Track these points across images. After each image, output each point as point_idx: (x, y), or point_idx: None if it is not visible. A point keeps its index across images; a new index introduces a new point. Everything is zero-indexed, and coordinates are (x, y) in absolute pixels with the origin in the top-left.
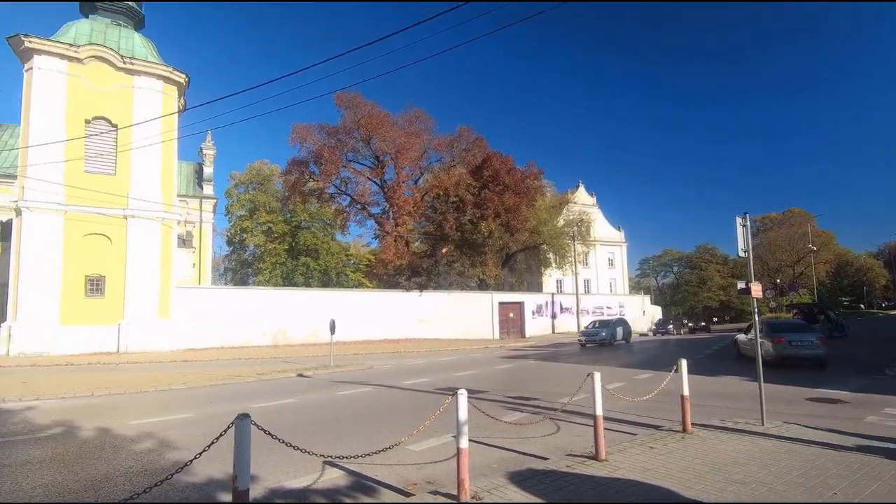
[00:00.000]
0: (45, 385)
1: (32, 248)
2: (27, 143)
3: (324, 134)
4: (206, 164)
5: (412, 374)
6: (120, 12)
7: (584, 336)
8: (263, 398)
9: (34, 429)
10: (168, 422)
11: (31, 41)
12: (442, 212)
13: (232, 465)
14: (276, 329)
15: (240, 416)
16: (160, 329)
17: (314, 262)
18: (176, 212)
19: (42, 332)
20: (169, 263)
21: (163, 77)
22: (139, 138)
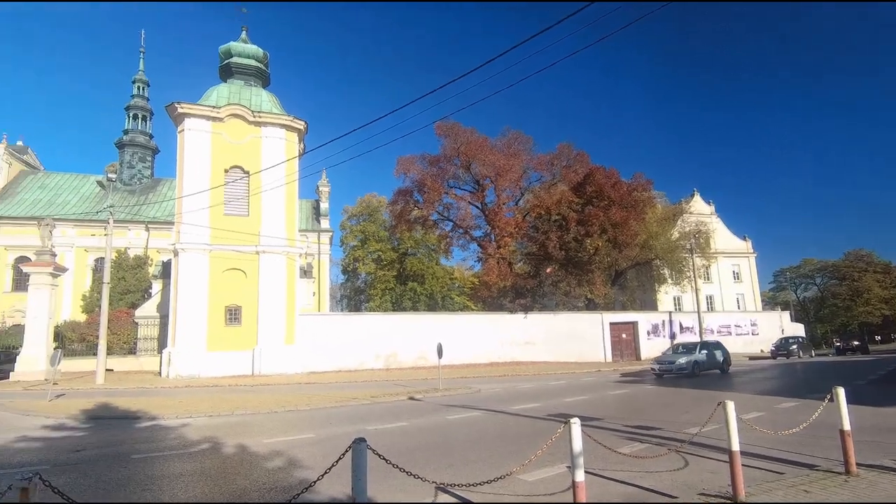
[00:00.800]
0: (196, 404)
1: (186, 284)
2: (181, 193)
3: (426, 163)
4: (322, 200)
5: (520, 399)
6: (251, 75)
7: (658, 364)
8: (377, 420)
9: (186, 444)
10: (294, 441)
11: (183, 107)
12: (544, 231)
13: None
14: (387, 352)
15: (356, 440)
16: (287, 354)
17: (421, 287)
18: (298, 246)
19: (193, 357)
20: (293, 293)
21: (285, 126)
22: (267, 182)
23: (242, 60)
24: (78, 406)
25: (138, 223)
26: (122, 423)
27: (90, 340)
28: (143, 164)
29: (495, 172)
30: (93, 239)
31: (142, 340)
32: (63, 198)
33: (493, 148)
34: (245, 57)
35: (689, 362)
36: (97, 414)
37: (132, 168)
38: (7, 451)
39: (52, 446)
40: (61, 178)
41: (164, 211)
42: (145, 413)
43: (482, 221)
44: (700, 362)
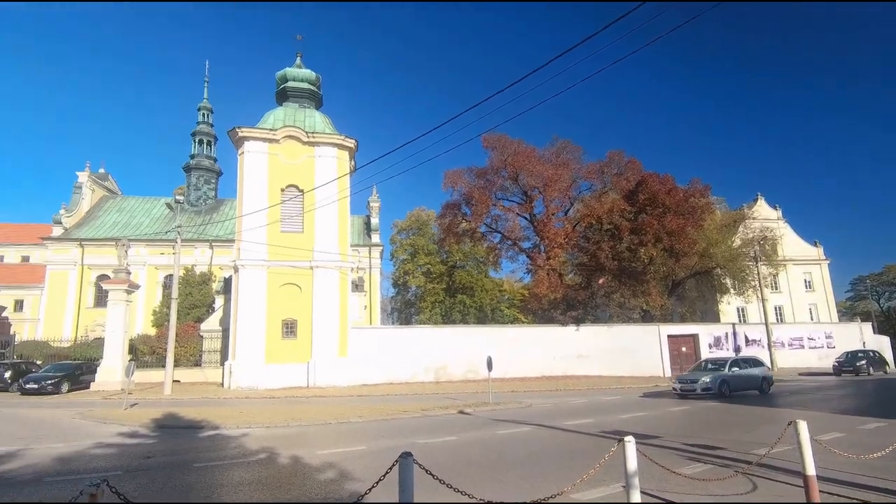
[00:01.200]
0: (255, 415)
1: (245, 299)
2: (241, 212)
3: (473, 176)
4: (372, 215)
5: (573, 415)
6: (305, 97)
7: (679, 383)
8: (427, 434)
9: (245, 454)
10: (346, 453)
11: (243, 131)
12: (596, 241)
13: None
14: (437, 365)
15: (403, 454)
16: (340, 366)
17: (470, 300)
18: (350, 260)
19: (252, 369)
20: (346, 307)
21: (337, 145)
22: (320, 199)
23: (297, 84)
24: (149, 415)
25: (203, 242)
26: (187, 432)
27: (160, 353)
28: (208, 186)
29: (543, 183)
30: (163, 257)
31: (206, 353)
32: (137, 220)
33: (540, 158)
34: (299, 81)
35: (715, 381)
36: (165, 423)
37: (198, 190)
38: (84, 456)
39: (125, 453)
40: (136, 201)
41: (227, 229)
42: (208, 423)
43: (531, 232)
44: (729, 381)
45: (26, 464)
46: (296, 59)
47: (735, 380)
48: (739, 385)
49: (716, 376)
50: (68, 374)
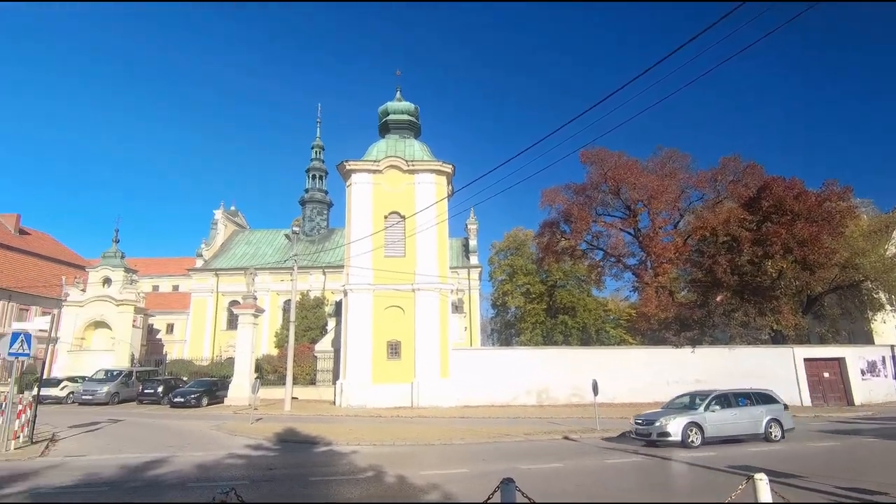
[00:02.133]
0: (363, 433)
1: (354, 321)
2: (349, 240)
3: (571, 193)
4: (470, 237)
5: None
6: (404, 128)
7: (636, 424)
8: (531, 460)
9: (355, 471)
10: (449, 475)
11: (350, 164)
12: (711, 255)
13: None
14: (539, 388)
15: (505, 480)
16: (442, 387)
17: (572, 320)
18: (449, 282)
19: (361, 388)
20: (446, 328)
21: (435, 171)
22: (420, 224)
23: (397, 117)
24: (271, 429)
25: (317, 268)
26: (304, 446)
27: (281, 372)
28: (321, 217)
29: (648, 195)
30: (283, 284)
31: (320, 372)
32: (262, 250)
33: (643, 170)
34: (399, 113)
35: (684, 426)
36: (285, 437)
37: (312, 221)
38: (219, 465)
39: (251, 463)
40: (261, 233)
41: (337, 256)
42: (322, 439)
43: (636, 248)
44: (704, 425)
45: (174, 469)
46: (395, 94)
47: (716, 424)
48: (724, 430)
49: (687, 420)
50: (207, 389)
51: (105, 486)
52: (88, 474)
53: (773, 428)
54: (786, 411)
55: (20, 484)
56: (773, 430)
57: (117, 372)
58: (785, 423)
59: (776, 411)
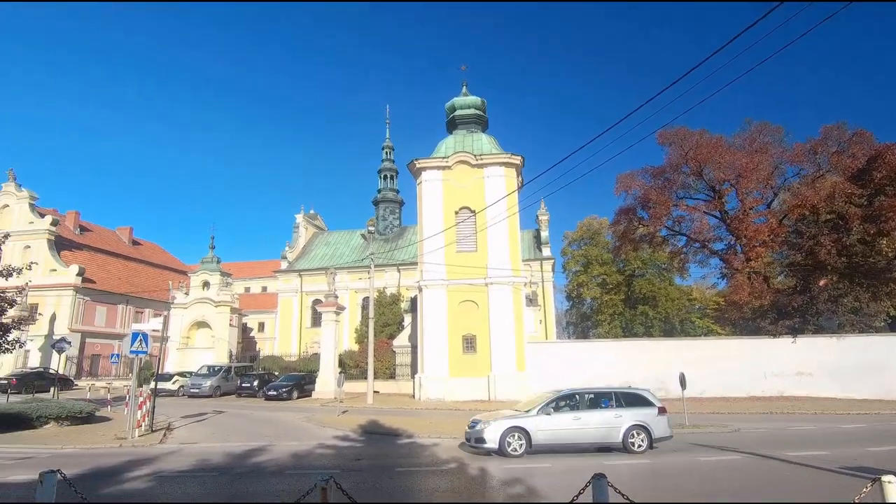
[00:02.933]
0: (443, 426)
1: (429, 316)
2: (422, 237)
3: (648, 177)
4: (542, 228)
5: (798, 444)
6: (472, 122)
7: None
8: (616, 455)
9: (437, 462)
10: (531, 469)
11: (420, 162)
12: (812, 235)
13: None
14: (621, 381)
15: (596, 475)
16: (518, 380)
17: (653, 311)
18: (522, 275)
19: (439, 382)
20: (521, 321)
21: (504, 164)
22: (490, 218)
23: (464, 112)
24: (356, 422)
25: (392, 266)
26: (387, 438)
27: (362, 366)
28: (393, 216)
29: (736, 174)
30: (360, 282)
31: (398, 366)
32: (340, 250)
33: (730, 147)
34: (466, 108)
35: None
36: (369, 429)
37: (385, 220)
38: (311, 454)
39: (339, 454)
40: (338, 235)
41: (410, 254)
42: (404, 431)
43: (723, 232)
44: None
45: (272, 458)
46: (462, 88)
47: (550, 430)
48: (560, 438)
49: (505, 422)
50: (297, 383)
51: (215, 471)
52: (201, 460)
53: (635, 437)
54: (660, 417)
55: (146, 467)
56: (636, 440)
57: (218, 367)
58: (655, 432)
59: (645, 416)
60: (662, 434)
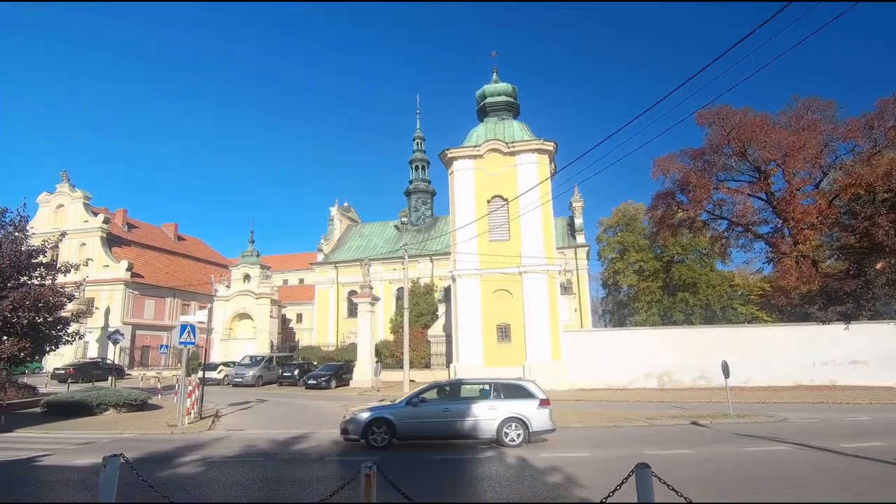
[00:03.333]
0: None
1: (463, 306)
2: (454, 227)
3: (687, 159)
4: (576, 216)
5: (850, 435)
6: (503, 109)
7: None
8: (656, 445)
9: (474, 450)
10: (570, 458)
11: (451, 152)
12: (867, 216)
13: None
14: (660, 370)
15: (640, 465)
16: (554, 370)
17: (693, 298)
18: (556, 263)
19: (473, 371)
20: (556, 310)
21: (536, 150)
22: (523, 206)
23: (495, 99)
24: None
25: (425, 256)
26: None
27: (398, 356)
28: (425, 207)
29: (782, 153)
30: (394, 273)
31: (433, 356)
32: (373, 242)
33: (775, 125)
34: (497, 95)
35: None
36: None
37: (417, 211)
38: (349, 444)
39: None
40: (371, 226)
41: (443, 244)
42: None
43: (769, 214)
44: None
45: (314, 444)
46: (492, 75)
47: (416, 421)
48: (427, 429)
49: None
50: (335, 372)
51: (261, 457)
52: (247, 446)
53: (511, 430)
54: (541, 409)
55: (196, 453)
56: (511, 433)
57: (260, 357)
58: (533, 425)
59: (523, 408)
60: (543, 427)
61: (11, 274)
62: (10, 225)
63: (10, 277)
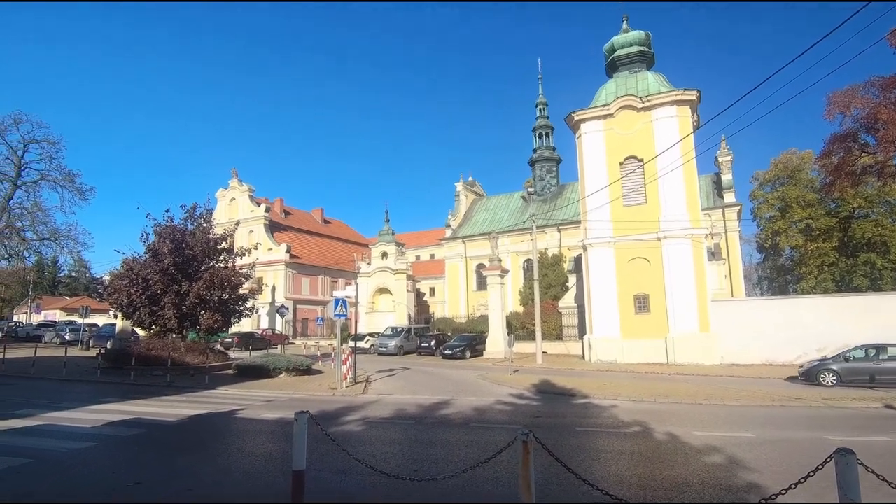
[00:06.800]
0: (619, 388)
1: (595, 276)
2: (584, 194)
3: (875, 91)
4: (723, 172)
5: None
6: (635, 61)
7: None
8: (839, 430)
9: (619, 424)
10: (730, 438)
11: (578, 114)
12: None
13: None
14: (837, 345)
15: (840, 450)
16: (701, 343)
17: (881, 259)
18: (702, 227)
19: (609, 343)
20: (702, 278)
21: (675, 102)
22: (662, 166)
23: (625, 51)
24: (528, 381)
25: (552, 226)
26: (561, 398)
27: (528, 328)
28: (550, 175)
29: None
30: (521, 244)
31: (565, 328)
32: (499, 215)
33: None
34: (627, 46)
35: None
36: (542, 389)
37: (542, 180)
38: (491, 410)
39: (517, 411)
40: (496, 199)
41: (570, 212)
42: (578, 392)
43: None
44: None
45: (456, 411)
46: (622, 24)
47: None
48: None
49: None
50: (469, 343)
51: (411, 420)
52: (398, 410)
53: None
54: None
55: (356, 413)
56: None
57: (400, 329)
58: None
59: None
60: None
61: (203, 259)
62: (200, 218)
63: (203, 262)
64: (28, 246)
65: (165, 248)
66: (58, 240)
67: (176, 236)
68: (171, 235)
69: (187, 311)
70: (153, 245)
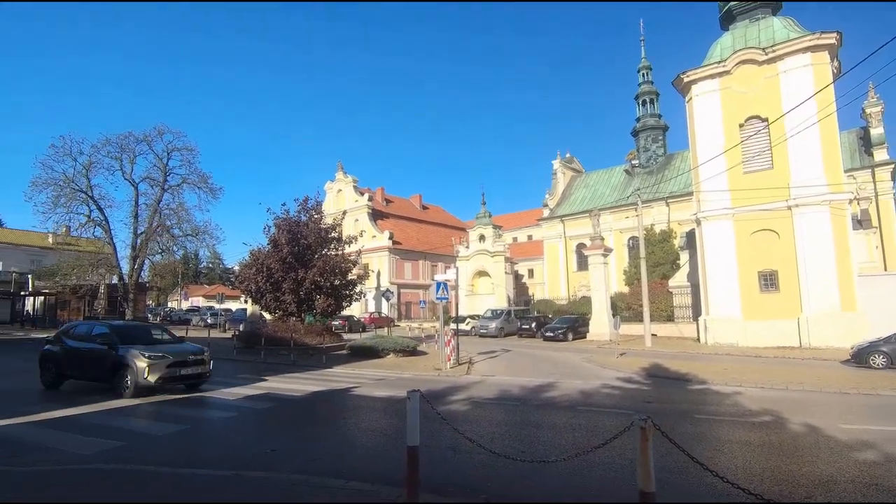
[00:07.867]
0: (743, 373)
1: (712, 252)
2: (696, 163)
3: None
4: (872, 125)
5: None
6: (756, 8)
7: None
8: None
9: (744, 413)
10: (888, 433)
11: (689, 75)
12: None
13: None
14: None
15: None
16: (844, 323)
17: None
18: (844, 191)
19: (729, 325)
20: (846, 250)
21: (809, 48)
22: (791, 124)
23: None
24: (637, 364)
25: (659, 200)
26: (675, 383)
27: (634, 308)
28: (656, 145)
29: None
30: (625, 221)
31: (677, 308)
32: (599, 191)
33: None
34: None
35: None
36: (653, 373)
37: (647, 151)
38: (598, 393)
39: (626, 395)
40: (596, 175)
41: (680, 184)
42: (694, 377)
43: None
44: None
45: (562, 393)
46: None
47: None
48: None
49: None
50: (571, 325)
51: (516, 401)
52: (502, 391)
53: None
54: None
55: (461, 393)
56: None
57: (500, 311)
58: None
59: None
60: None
61: (316, 248)
62: (312, 209)
63: (316, 251)
64: (176, 242)
65: (283, 239)
66: (198, 235)
67: (291, 227)
68: (288, 227)
69: (304, 297)
70: (273, 236)
